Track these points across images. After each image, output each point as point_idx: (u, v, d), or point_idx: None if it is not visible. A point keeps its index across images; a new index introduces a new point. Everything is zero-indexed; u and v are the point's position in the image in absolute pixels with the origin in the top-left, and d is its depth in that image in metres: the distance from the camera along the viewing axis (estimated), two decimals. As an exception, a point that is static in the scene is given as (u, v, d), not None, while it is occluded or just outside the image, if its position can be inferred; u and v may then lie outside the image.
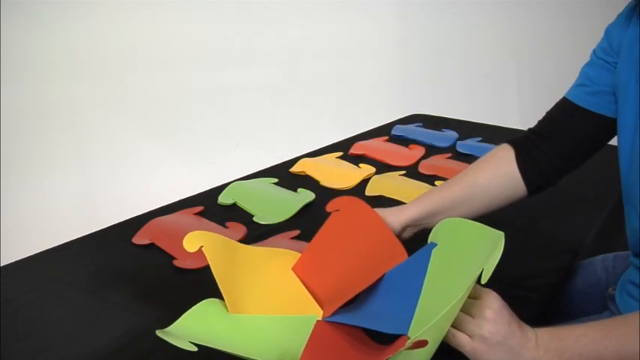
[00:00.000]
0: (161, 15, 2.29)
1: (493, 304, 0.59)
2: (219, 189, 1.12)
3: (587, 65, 0.81)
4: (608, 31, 0.78)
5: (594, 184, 1.16)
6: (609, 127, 0.77)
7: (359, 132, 1.54)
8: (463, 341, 0.58)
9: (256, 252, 0.80)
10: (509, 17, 2.89)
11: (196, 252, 0.72)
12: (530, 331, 0.59)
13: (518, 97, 3.03)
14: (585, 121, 0.79)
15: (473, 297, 0.60)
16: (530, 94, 3.02)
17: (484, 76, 2.96)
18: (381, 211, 0.79)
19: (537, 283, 0.81)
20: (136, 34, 2.24)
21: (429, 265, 0.69)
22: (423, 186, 1.15)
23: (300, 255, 0.78)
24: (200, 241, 0.71)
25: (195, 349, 0.58)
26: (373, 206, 0.83)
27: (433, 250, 0.70)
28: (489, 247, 0.61)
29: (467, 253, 0.66)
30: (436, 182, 1.18)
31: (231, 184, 1.14)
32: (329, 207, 0.80)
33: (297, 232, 0.96)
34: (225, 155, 2.32)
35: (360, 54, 2.78)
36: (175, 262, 0.85)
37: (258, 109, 2.53)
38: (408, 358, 0.57)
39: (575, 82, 0.82)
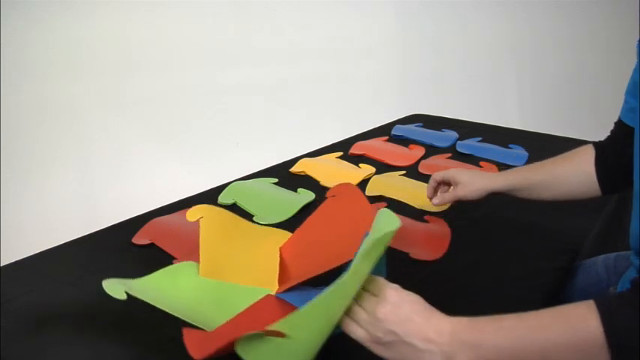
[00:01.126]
0: (161, 15, 2.29)
1: (385, 303, 0.57)
2: (219, 189, 1.12)
3: (629, 82, 0.84)
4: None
5: (594, 184, 1.16)
6: None
7: (359, 132, 1.54)
8: (362, 338, 0.57)
9: (253, 228, 0.82)
10: (509, 17, 2.89)
11: (197, 252, 0.73)
12: (444, 324, 0.56)
13: (518, 97, 3.03)
14: (630, 136, 0.82)
15: (373, 292, 0.59)
16: (530, 94, 3.02)
17: (484, 76, 2.95)
18: (473, 175, 0.91)
19: (537, 283, 0.81)
20: (136, 34, 2.24)
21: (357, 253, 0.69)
22: (423, 186, 1.15)
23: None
24: (202, 214, 0.77)
25: (124, 297, 0.63)
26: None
27: (364, 240, 0.70)
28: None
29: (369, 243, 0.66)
30: (436, 182, 1.18)
31: (231, 184, 1.14)
32: (328, 193, 0.84)
33: (384, 205, 1.04)
34: (225, 155, 2.32)
35: (360, 54, 2.78)
36: (175, 262, 0.85)
37: (258, 109, 2.53)
38: (288, 346, 0.56)
39: None
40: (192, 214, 0.77)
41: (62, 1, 2.05)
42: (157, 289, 0.70)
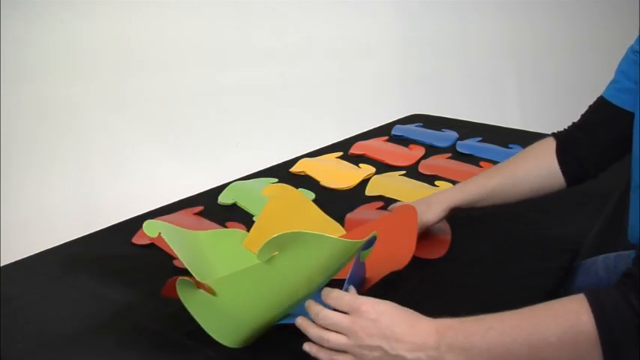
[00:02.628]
0: (161, 15, 2.29)
1: (363, 319, 0.56)
2: (219, 189, 1.12)
3: (621, 61, 0.81)
4: None
5: (594, 184, 1.16)
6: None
7: (359, 132, 1.54)
8: None
9: (316, 216, 0.92)
10: (509, 17, 2.89)
11: None
12: (429, 329, 0.55)
13: (519, 97, 3.03)
14: (615, 117, 0.80)
15: (343, 310, 0.58)
16: (530, 94, 3.02)
17: (484, 76, 2.95)
18: (426, 201, 0.87)
19: (537, 283, 0.81)
20: (135, 34, 2.24)
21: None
22: (423, 186, 1.15)
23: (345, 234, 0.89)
24: (276, 192, 0.89)
25: (154, 235, 0.70)
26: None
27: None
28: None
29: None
30: (436, 182, 1.18)
31: (231, 184, 1.14)
32: (391, 209, 0.89)
33: (381, 204, 1.05)
34: (225, 155, 2.32)
35: (360, 54, 2.78)
36: (175, 262, 0.84)
37: (258, 109, 2.53)
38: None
39: (612, 79, 0.83)
40: (269, 190, 0.88)
41: (62, 1, 2.05)
42: (193, 243, 0.73)
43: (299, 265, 0.60)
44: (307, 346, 0.60)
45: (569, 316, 0.52)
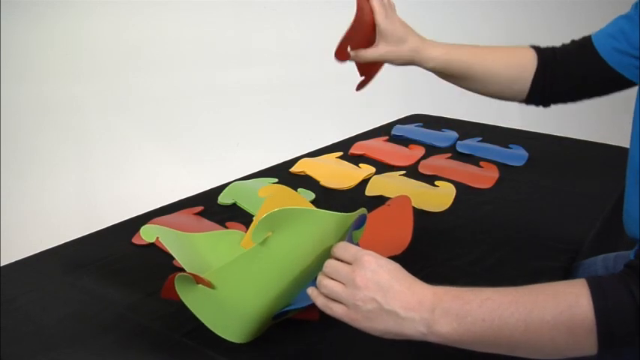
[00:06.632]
0: (161, 15, 2.29)
1: (364, 269, 0.55)
2: (219, 189, 1.12)
3: (625, 17, 0.78)
4: None
5: (594, 184, 1.16)
6: (620, 85, 0.78)
7: (359, 132, 1.54)
8: (339, 312, 0.56)
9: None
10: (508, 17, 2.89)
11: None
12: (426, 292, 0.55)
13: (518, 97, 3.03)
14: (599, 70, 0.79)
15: (346, 260, 0.58)
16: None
17: (484, 76, 2.95)
18: (404, 32, 0.91)
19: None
20: (136, 34, 2.24)
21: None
22: (423, 186, 1.15)
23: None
24: (273, 192, 0.90)
25: (152, 240, 0.76)
26: (373, 205, 0.83)
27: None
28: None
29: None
30: (436, 182, 1.18)
31: (231, 184, 1.14)
32: (388, 202, 0.92)
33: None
34: (225, 155, 2.32)
35: (360, 54, 2.77)
36: (175, 262, 0.84)
37: (258, 109, 2.53)
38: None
39: (607, 28, 0.80)
40: (265, 190, 0.89)
41: (62, 1, 2.05)
42: (191, 246, 0.73)
43: (293, 242, 0.60)
44: (309, 290, 0.60)
45: (569, 298, 0.52)
